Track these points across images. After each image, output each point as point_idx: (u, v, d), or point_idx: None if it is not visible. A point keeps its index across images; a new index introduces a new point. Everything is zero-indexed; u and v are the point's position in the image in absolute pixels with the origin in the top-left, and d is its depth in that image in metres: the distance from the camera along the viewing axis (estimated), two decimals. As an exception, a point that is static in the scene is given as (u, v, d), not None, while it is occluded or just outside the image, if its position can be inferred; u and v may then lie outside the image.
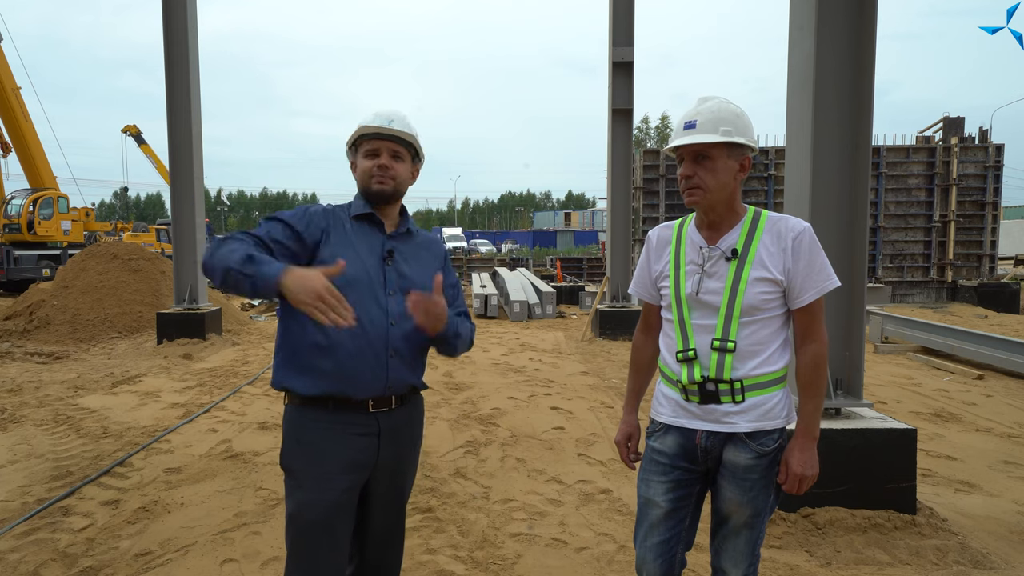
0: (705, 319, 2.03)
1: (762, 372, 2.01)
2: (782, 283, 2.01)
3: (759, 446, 2.02)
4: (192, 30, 10.22)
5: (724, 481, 2.08)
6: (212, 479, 4.56)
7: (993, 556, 3.43)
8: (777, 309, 2.03)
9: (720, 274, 2.02)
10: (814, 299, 2.02)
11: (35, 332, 11.18)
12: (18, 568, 3.35)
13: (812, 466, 2.02)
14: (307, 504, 2.06)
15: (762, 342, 2.01)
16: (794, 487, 2.03)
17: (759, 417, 2.02)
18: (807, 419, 2.05)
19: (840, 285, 2.09)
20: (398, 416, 2.18)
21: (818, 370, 2.05)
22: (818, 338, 2.05)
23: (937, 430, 5.87)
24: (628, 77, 11.14)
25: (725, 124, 1.99)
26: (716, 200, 2.02)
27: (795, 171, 4.16)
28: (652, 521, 2.13)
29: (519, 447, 5.23)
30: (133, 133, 33.58)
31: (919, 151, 16.67)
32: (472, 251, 39.56)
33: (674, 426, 2.11)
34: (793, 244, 2.00)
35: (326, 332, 2.03)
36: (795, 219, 2.06)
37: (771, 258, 2.00)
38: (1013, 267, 25.98)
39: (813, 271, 2.00)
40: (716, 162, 1.99)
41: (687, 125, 2.02)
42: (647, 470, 2.17)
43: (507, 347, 10.37)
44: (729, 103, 2.05)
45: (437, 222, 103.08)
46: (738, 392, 2.00)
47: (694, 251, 2.08)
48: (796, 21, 4.14)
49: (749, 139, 2.02)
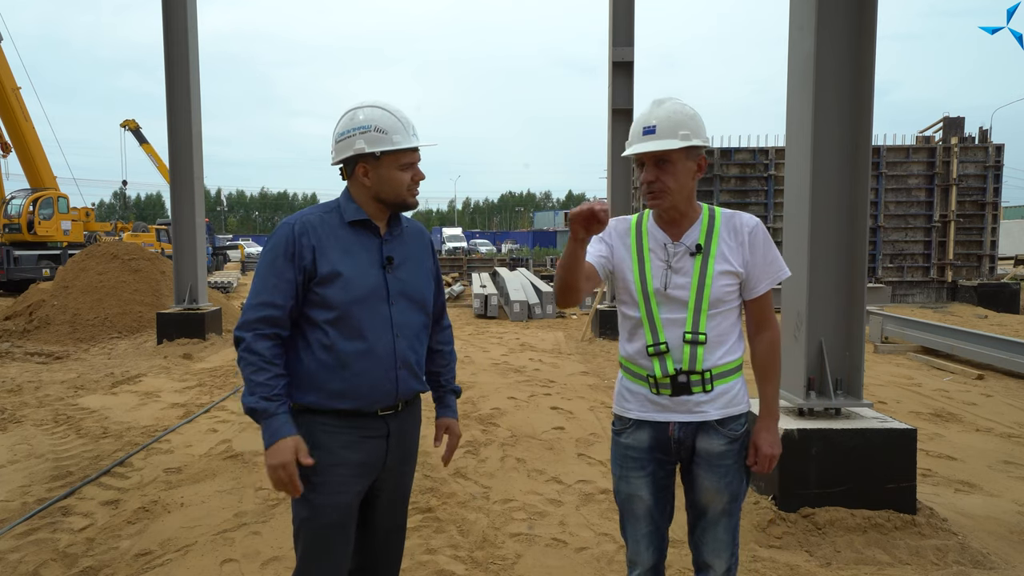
0: (674, 313, 2.09)
1: (727, 361, 2.11)
2: (742, 275, 2.11)
3: (729, 431, 2.12)
4: (192, 30, 10.22)
5: (700, 470, 2.13)
6: (212, 479, 4.56)
7: (993, 556, 3.43)
8: (735, 301, 2.14)
9: (686, 269, 2.09)
10: (768, 289, 2.15)
11: (35, 332, 11.18)
12: (18, 568, 3.35)
13: (778, 445, 2.17)
14: (322, 507, 2.05)
15: (725, 332, 2.11)
16: (765, 466, 2.15)
17: (727, 404, 2.11)
18: (769, 402, 2.19)
19: (791, 274, 2.22)
20: (404, 418, 2.20)
21: (774, 355, 2.19)
22: (772, 325, 2.18)
23: (937, 430, 5.87)
24: (628, 77, 11.15)
25: (683, 128, 2.04)
26: (677, 200, 2.09)
27: (795, 171, 4.16)
28: (638, 514, 2.19)
29: (519, 447, 5.23)
30: (132, 128, 33.42)
31: (919, 151, 16.67)
32: (472, 251, 39.59)
33: (645, 421, 2.14)
34: (749, 238, 2.11)
35: (335, 352, 2.03)
36: (747, 215, 2.17)
37: (731, 252, 2.10)
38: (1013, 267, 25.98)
39: (768, 263, 2.13)
40: (676, 165, 2.05)
41: (646, 130, 2.07)
42: (623, 467, 2.20)
43: (507, 347, 10.37)
44: (684, 105, 2.10)
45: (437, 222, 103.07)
46: (708, 381, 2.08)
47: (659, 247, 2.13)
48: (796, 21, 4.14)
49: (704, 140, 2.08)
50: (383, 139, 2.06)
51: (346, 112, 2.14)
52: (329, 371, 2.04)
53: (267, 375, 1.97)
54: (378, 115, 2.09)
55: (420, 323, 2.21)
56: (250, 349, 1.97)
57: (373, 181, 2.10)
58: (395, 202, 2.13)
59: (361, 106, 2.12)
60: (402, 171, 2.10)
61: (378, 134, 2.06)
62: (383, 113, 2.09)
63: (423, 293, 2.22)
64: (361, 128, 2.07)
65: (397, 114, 2.11)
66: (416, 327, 2.19)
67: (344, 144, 2.10)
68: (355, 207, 2.13)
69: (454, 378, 2.45)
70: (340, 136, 2.11)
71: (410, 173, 2.12)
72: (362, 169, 2.09)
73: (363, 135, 2.07)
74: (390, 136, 2.07)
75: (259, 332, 1.99)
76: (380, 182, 2.09)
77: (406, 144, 2.08)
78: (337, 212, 2.13)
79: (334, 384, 2.04)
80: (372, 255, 2.12)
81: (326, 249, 2.05)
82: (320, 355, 2.04)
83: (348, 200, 2.15)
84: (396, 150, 2.07)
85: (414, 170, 2.13)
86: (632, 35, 11.07)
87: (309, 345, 2.05)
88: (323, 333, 2.04)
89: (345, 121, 2.12)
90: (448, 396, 2.42)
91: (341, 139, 2.11)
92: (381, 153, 2.07)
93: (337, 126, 2.14)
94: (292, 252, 2.02)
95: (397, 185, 2.10)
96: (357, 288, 2.04)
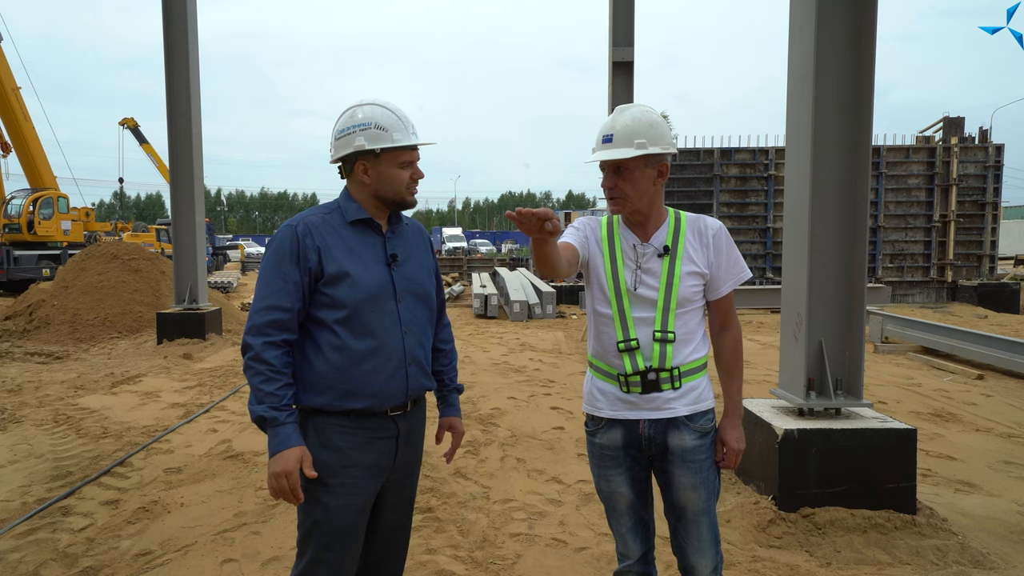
0: (644, 312, 2.14)
1: (694, 359, 2.17)
2: (707, 276, 2.19)
3: (699, 426, 2.17)
4: (192, 30, 10.22)
5: (675, 468, 2.17)
6: (212, 479, 4.56)
7: (993, 556, 3.43)
8: (700, 301, 2.21)
9: (655, 270, 2.16)
10: (731, 290, 2.23)
11: (35, 332, 11.18)
12: (18, 568, 3.35)
13: (743, 440, 2.24)
14: (337, 509, 2.05)
15: (691, 331, 2.17)
16: (732, 461, 2.21)
17: (694, 400, 2.16)
18: (734, 398, 2.26)
19: (751, 276, 2.29)
20: (412, 418, 2.21)
21: (738, 353, 2.28)
22: (735, 324, 2.27)
23: (937, 430, 5.87)
24: (628, 77, 11.14)
25: (639, 136, 2.09)
26: (639, 206, 2.15)
27: (795, 171, 4.16)
28: (621, 509, 2.25)
29: (519, 447, 5.23)
30: (131, 126, 33.29)
31: (919, 151, 16.68)
32: (472, 251, 39.57)
33: (616, 419, 2.18)
34: (713, 240, 2.19)
35: (346, 352, 2.03)
36: (710, 218, 2.25)
37: (696, 253, 2.18)
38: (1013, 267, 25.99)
39: (731, 264, 2.21)
40: (634, 172, 2.11)
41: (605, 139, 2.14)
42: (601, 467, 2.25)
43: (507, 347, 10.38)
44: (646, 112, 2.14)
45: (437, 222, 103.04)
46: (676, 379, 2.14)
47: (628, 247, 2.19)
48: (796, 21, 4.14)
49: (665, 147, 2.11)
50: (383, 136, 2.06)
51: (346, 110, 2.14)
52: (340, 371, 2.04)
53: (276, 385, 1.96)
54: (378, 113, 2.08)
55: (426, 319, 2.23)
56: (259, 358, 1.97)
57: (373, 179, 2.09)
58: (394, 200, 2.13)
59: (361, 104, 2.12)
60: (401, 169, 2.10)
61: (378, 131, 2.06)
62: (383, 111, 2.09)
63: (427, 289, 2.23)
64: (361, 125, 2.07)
65: (397, 112, 2.11)
66: (423, 323, 2.20)
67: (344, 141, 2.09)
68: (356, 206, 2.12)
69: (456, 376, 2.46)
70: (340, 133, 2.10)
71: (409, 171, 2.12)
72: (362, 167, 2.09)
73: (363, 132, 2.06)
74: (390, 134, 2.07)
75: (268, 340, 1.98)
76: (380, 180, 2.09)
77: (406, 142, 2.08)
78: (338, 212, 2.13)
79: (346, 384, 2.04)
80: (376, 253, 2.12)
81: (331, 249, 2.05)
82: (330, 356, 2.04)
83: (348, 200, 2.14)
84: (396, 148, 2.07)
85: (413, 168, 2.13)
86: (632, 35, 11.05)
87: (319, 347, 2.05)
88: (333, 333, 2.04)
89: (345, 119, 2.11)
90: (452, 395, 2.43)
91: (341, 136, 2.10)
92: (381, 151, 2.06)
93: (337, 124, 2.13)
94: (297, 254, 2.02)
95: (397, 183, 2.10)
96: (365, 287, 2.05)
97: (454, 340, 2.49)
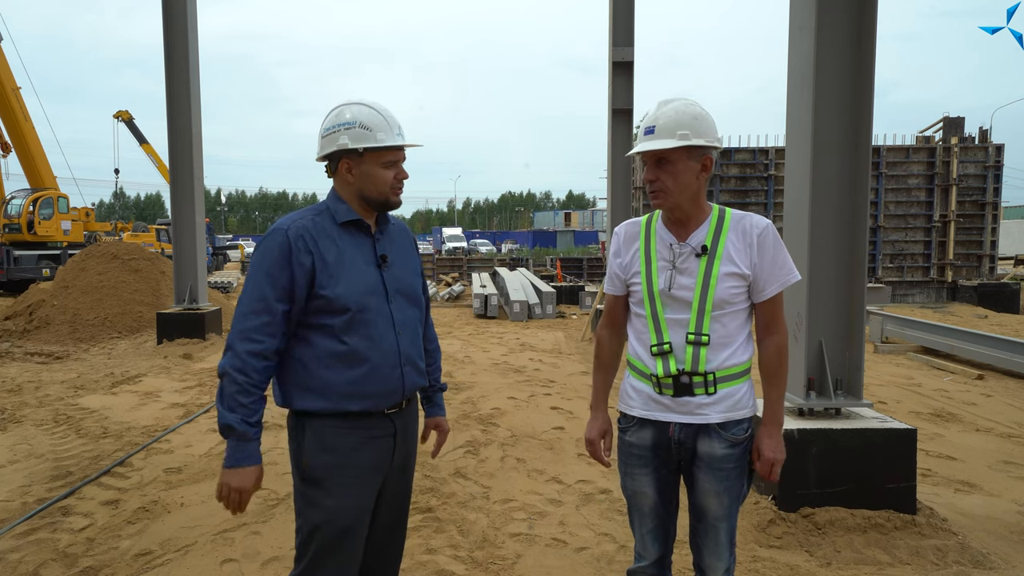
0: (678, 314, 2.09)
1: (732, 364, 2.09)
2: (749, 277, 2.09)
3: (731, 435, 2.10)
4: (192, 30, 10.22)
5: (700, 473, 2.13)
6: (212, 479, 4.56)
7: (993, 556, 3.43)
8: (743, 303, 2.11)
9: (691, 270, 2.08)
10: (777, 292, 2.12)
11: (35, 332, 11.18)
12: (18, 568, 3.35)
13: (782, 450, 2.14)
14: (340, 510, 2.05)
15: (731, 335, 2.09)
16: (767, 471, 2.12)
17: (730, 408, 2.09)
18: (773, 406, 2.15)
19: (800, 279, 2.19)
20: (407, 414, 2.22)
21: (781, 359, 2.16)
22: (780, 330, 2.16)
23: (937, 430, 5.87)
24: (628, 77, 11.14)
25: (683, 128, 2.03)
26: (680, 200, 2.08)
27: (795, 171, 4.16)
28: (645, 510, 2.22)
29: (519, 447, 5.23)
30: (125, 119, 32.84)
31: (919, 151, 16.67)
32: (472, 251, 39.56)
33: (648, 419, 2.15)
34: (758, 240, 2.09)
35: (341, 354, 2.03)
36: (758, 216, 2.15)
37: (738, 254, 2.08)
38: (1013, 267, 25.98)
39: (776, 266, 2.10)
40: (676, 165, 2.05)
41: (647, 131, 2.08)
42: (628, 464, 2.22)
43: (507, 347, 10.37)
44: (690, 104, 2.09)
45: (437, 222, 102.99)
46: (711, 384, 2.07)
47: (664, 248, 2.13)
48: (796, 21, 4.14)
49: (709, 139, 2.06)
50: (367, 136, 2.07)
51: (333, 109, 2.15)
52: (336, 374, 2.03)
53: (251, 398, 1.96)
54: (364, 113, 2.09)
55: (417, 318, 2.24)
56: (241, 369, 1.94)
57: (356, 178, 2.10)
58: (378, 200, 2.13)
59: (348, 103, 2.13)
60: (385, 169, 2.10)
61: (362, 131, 2.07)
62: (369, 111, 2.10)
63: (416, 289, 2.25)
64: (346, 124, 2.08)
65: (383, 112, 2.12)
66: (414, 323, 2.22)
67: (328, 140, 2.10)
68: (346, 207, 2.13)
69: (440, 375, 2.49)
70: (325, 132, 2.12)
71: (393, 171, 2.12)
72: (345, 165, 2.10)
73: (347, 131, 2.07)
74: (374, 134, 2.07)
75: (253, 349, 1.95)
76: (363, 179, 2.10)
77: (389, 142, 2.09)
78: (328, 214, 2.12)
79: (342, 387, 2.03)
80: (367, 255, 2.13)
81: (323, 251, 2.04)
82: (326, 359, 2.03)
83: (337, 201, 2.14)
84: (379, 148, 2.08)
85: (397, 168, 2.13)
86: (632, 35, 11.05)
87: (314, 350, 2.04)
88: (328, 337, 2.04)
89: (332, 117, 2.12)
90: (436, 394, 2.46)
91: (326, 135, 2.11)
92: (364, 150, 2.07)
93: (324, 122, 2.15)
94: (288, 257, 2.01)
95: (380, 183, 2.10)
96: (358, 288, 2.05)
97: (438, 339, 2.51)
